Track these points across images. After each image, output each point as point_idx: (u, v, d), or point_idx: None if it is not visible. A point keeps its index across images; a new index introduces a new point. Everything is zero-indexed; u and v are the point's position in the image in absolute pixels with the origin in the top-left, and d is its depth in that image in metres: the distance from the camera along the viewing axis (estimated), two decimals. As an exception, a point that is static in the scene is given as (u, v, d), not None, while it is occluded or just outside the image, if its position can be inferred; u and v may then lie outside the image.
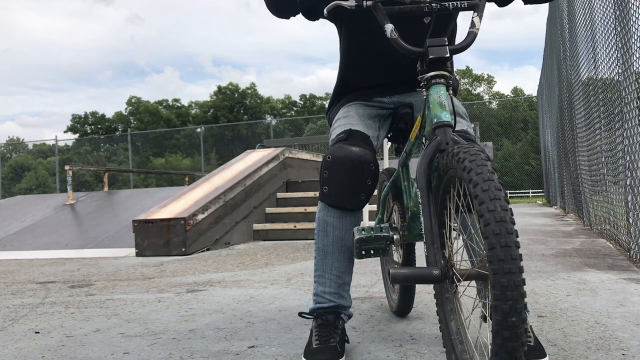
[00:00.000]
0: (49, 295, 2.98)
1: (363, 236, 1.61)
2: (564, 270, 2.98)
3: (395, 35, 1.40)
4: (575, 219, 7.14)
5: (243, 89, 48.97)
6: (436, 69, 1.37)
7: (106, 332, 2.05)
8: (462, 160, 1.13)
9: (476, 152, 1.14)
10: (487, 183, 1.06)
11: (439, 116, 1.32)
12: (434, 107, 1.34)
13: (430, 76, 1.38)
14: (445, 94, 1.36)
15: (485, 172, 1.08)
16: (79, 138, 43.06)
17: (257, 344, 1.78)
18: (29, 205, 8.08)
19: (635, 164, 3.17)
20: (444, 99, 1.35)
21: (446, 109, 1.33)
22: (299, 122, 33.25)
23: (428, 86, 1.38)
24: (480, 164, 1.10)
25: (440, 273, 1.19)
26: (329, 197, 1.60)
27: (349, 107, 1.78)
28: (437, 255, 1.22)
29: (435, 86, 1.36)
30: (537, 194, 21.57)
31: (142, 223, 5.03)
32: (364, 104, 1.78)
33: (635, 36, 3.03)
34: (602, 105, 4.34)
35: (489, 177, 1.07)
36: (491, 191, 1.05)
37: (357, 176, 1.57)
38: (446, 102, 1.34)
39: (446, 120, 1.32)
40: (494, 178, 1.07)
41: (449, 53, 1.37)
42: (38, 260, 5.02)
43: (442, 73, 1.37)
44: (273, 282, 3.08)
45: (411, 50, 1.39)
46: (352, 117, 1.72)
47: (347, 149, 1.58)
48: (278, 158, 6.89)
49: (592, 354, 1.53)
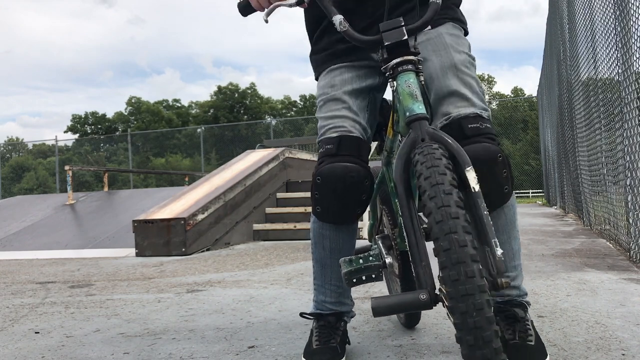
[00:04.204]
0: (49, 295, 2.98)
1: (352, 268, 1.43)
2: (564, 271, 2.98)
3: (345, 27, 1.27)
4: (575, 219, 7.14)
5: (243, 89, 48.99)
6: (399, 55, 1.22)
7: (106, 332, 2.05)
8: (416, 164, 1.04)
9: (430, 151, 1.04)
10: (434, 189, 0.97)
11: (411, 109, 1.18)
12: (404, 99, 1.19)
13: (395, 64, 1.22)
14: (416, 81, 1.21)
15: (434, 175, 0.99)
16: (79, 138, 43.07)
17: (257, 344, 1.78)
18: (29, 206, 8.08)
19: (635, 164, 3.17)
20: (414, 88, 1.19)
21: (418, 99, 1.18)
22: (298, 122, 33.23)
23: (394, 75, 1.22)
24: (431, 166, 1.00)
25: (428, 297, 0.99)
26: (322, 216, 1.49)
27: (332, 73, 1.57)
28: (425, 275, 1.03)
29: (403, 74, 1.21)
30: (537, 194, 21.56)
31: (142, 223, 5.03)
32: (351, 65, 1.56)
33: (635, 36, 3.03)
34: (602, 105, 4.34)
35: (438, 180, 0.97)
36: (438, 198, 0.95)
37: (350, 196, 1.43)
38: (417, 92, 1.19)
39: (420, 112, 1.17)
40: (444, 181, 0.98)
41: (406, 35, 1.21)
42: (38, 260, 5.02)
43: (408, 59, 1.21)
44: (273, 282, 3.08)
45: (364, 40, 1.26)
46: (339, 101, 1.51)
47: (337, 170, 1.41)
48: (278, 158, 6.89)
49: (592, 354, 1.53)
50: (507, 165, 1.35)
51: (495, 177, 1.32)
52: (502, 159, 1.34)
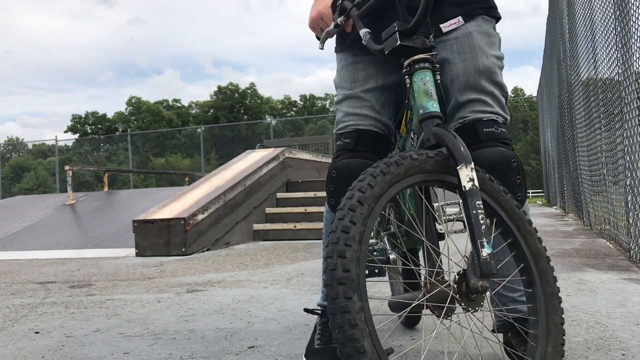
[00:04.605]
0: (49, 295, 2.98)
1: None
2: (564, 270, 2.98)
3: (366, 40, 1.31)
4: (575, 219, 7.14)
5: (243, 89, 48.96)
6: (412, 55, 1.23)
7: (106, 332, 2.05)
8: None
9: (371, 170, 1.08)
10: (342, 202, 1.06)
11: (425, 107, 1.20)
12: (419, 97, 1.21)
13: (412, 61, 1.24)
14: (432, 79, 1.22)
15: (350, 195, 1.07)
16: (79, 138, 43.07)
17: (257, 344, 1.78)
18: (29, 205, 8.08)
19: (635, 164, 3.17)
20: (429, 85, 1.21)
21: (433, 97, 1.21)
22: (298, 122, 33.24)
23: (411, 72, 1.24)
24: (360, 180, 1.07)
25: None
26: (335, 208, 1.48)
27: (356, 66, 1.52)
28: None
29: (420, 72, 1.23)
30: (537, 194, 21.56)
31: (142, 223, 5.03)
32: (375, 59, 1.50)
33: (635, 36, 3.03)
34: (602, 105, 4.35)
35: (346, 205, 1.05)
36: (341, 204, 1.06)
37: None
38: (433, 90, 1.21)
39: (433, 110, 1.19)
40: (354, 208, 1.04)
41: (399, 41, 1.21)
42: (38, 260, 5.02)
43: (424, 57, 1.23)
44: (273, 282, 3.08)
45: (376, 49, 1.28)
46: (360, 99, 1.49)
47: (353, 165, 1.41)
48: (278, 158, 6.89)
49: (592, 354, 1.53)
50: (521, 172, 1.33)
51: (508, 183, 1.29)
52: (517, 164, 1.32)
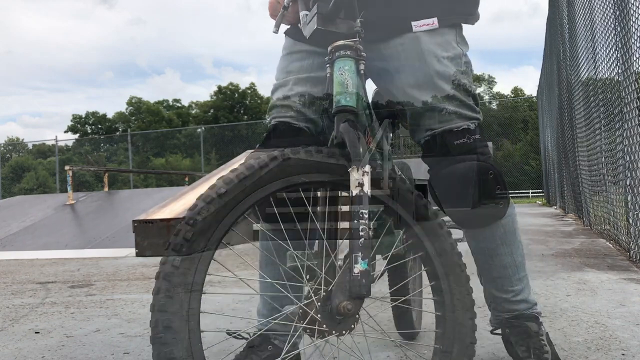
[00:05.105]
0: (49, 295, 2.98)
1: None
2: (564, 270, 2.98)
3: (303, 22, 1.19)
4: (575, 219, 7.13)
5: (243, 89, 48.93)
6: (335, 40, 1.11)
7: (106, 332, 2.05)
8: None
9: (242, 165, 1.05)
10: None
11: (338, 100, 1.09)
12: (335, 88, 1.10)
13: (333, 48, 1.12)
14: (352, 69, 1.10)
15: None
16: (79, 138, 43.06)
17: (257, 344, 1.77)
18: (29, 206, 8.08)
19: (635, 164, 3.17)
20: (347, 76, 1.09)
21: (349, 89, 1.08)
22: (298, 122, 33.16)
23: (333, 60, 1.12)
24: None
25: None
26: None
27: (292, 46, 1.41)
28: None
29: (339, 60, 1.10)
30: (537, 194, 21.56)
31: (142, 223, 5.03)
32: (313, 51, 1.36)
33: (635, 36, 3.03)
34: (602, 105, 4.35)
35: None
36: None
37: None
38: (350, 81, 1.09)
39: (345, 104, 1.08)
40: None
41: (316, 25, 1.10)
42: (38, 260, 5.02)
43: (346, 43, 1.10)
44: (273, 282, 3.08)
45: (305, 35, 1.18)
46: (288, 84, 1.38)
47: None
48: (278, 158, 6.87)
49: (592, 354, 1.53)
50: (501, 181, 1.27)
51: (488, 195, 1.26)
52: (494, 175, 1.25)
